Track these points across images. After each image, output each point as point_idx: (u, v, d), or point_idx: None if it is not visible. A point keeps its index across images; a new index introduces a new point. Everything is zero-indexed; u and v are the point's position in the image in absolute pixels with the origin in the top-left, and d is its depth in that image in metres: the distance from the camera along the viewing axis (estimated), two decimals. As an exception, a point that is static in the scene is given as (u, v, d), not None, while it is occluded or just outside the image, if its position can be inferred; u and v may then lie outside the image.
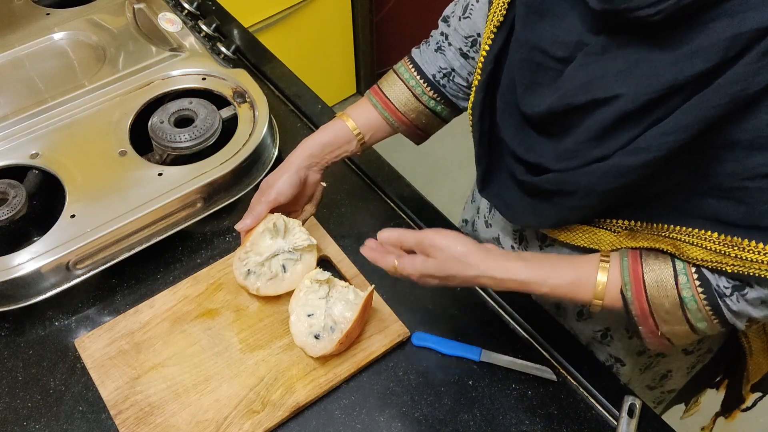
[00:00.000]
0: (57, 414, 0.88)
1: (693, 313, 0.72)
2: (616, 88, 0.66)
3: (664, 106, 0.65)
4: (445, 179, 2.49)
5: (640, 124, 0.66)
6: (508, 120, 0.80)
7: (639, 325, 0.75)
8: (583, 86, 0.69)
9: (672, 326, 0.74)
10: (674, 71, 0.63)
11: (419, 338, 0.93)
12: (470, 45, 0.91)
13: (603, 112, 0.68)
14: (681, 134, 0.63)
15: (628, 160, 0.67)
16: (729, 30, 0.59)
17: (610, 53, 0.68)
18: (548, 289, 0.78)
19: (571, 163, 0.72)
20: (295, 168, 0.92)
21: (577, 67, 0.71)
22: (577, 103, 0.70)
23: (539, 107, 0.74)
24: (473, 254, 0.79)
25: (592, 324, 0.96)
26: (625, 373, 0.99)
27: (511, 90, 0.78)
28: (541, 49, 0.74)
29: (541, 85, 0.75)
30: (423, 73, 0.95)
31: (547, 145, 0.76)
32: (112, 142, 1.06)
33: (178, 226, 1.02)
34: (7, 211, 0.97)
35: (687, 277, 0.71)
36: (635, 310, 0.74)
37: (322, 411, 0.88)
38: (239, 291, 0.96)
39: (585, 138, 0.71)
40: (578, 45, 0.71)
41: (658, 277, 0.73)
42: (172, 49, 1.20)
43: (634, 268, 0.74)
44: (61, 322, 0.97)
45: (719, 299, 0.70)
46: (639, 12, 0.62)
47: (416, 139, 1.02)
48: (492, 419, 0.87)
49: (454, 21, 0.92)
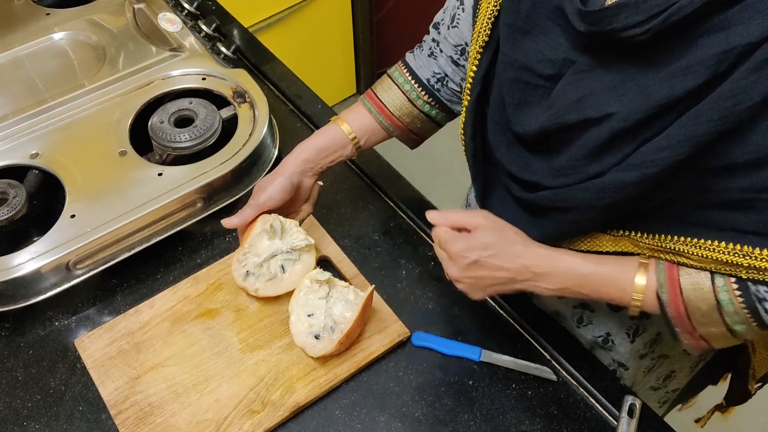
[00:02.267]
0: (57, 414, 0.88)
1: (730, 316, 0.70)
2: (607, 107, 0.66)
3: (658, 122, 0.64)
4: (445, 179, 2.49)
5: (634, 141, 0.66)
6: (499, 139, 0.80)
7: (676, 326, 0.74)
8: (574, 105, 0.69)
9: (708, 328, 0.72)
10: (666, 88, 0.62)
11: (419, 338, 0.93)
12: (460, 53, 0.91)
13: (596, 131, 0.68)
14: (675, 150, 0.63)
15: (623, 176, 0.67)
16: (719, 45, 0.59)
17: (599, 71, 0.68)
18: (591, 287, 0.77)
19: (567, 180, 0.72)
20: (288, 173, 0.92)
21: (566, 84, 0.70)
22: (570, 122, 0.69)
23: (530, 126, 0.74)
24: (519, 233, 0.79)
25: (592, 330, 0.95)
26: (629, 376, 0.99)
27: (501, 109, 0.78)
28: (527, 68, 0.74)
29: (530, 104, 0.75)
30: (418, 77, 0.95)
31: (541, 162, 0.76)
32: (112, 142, 1.06)
33: (178, 226, 1.02)
34: (7, 211, 0.97)
35: (724, 279, 0.69)
36: (671, 313, 0.73)
37: (322, 411, 0.88)
38: (239, 291, 0.96)
39: (579, 155, 0.70)
40: (565, 62, 0.71)
41: (695, 280, 0.71)
42: (172, 49, 1.20)
43: (669, 270, 0.73)
44: (61, 322, 0.97)
45: (758, 303, 0.69)
46: (626, 32, 0.62)
47: (411, 144, 1.02)
48: (492, 419, 0.87)
49: (443, 29, 0.92)
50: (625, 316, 0.91)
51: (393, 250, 1.04)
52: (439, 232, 0.81)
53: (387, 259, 1.03)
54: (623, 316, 0.91)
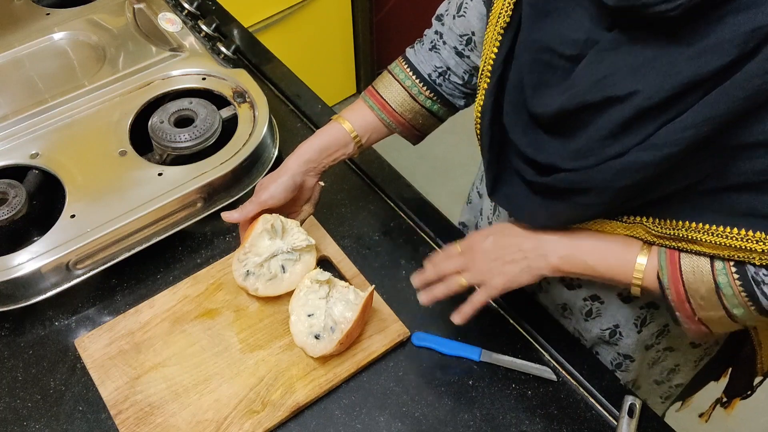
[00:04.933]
0: (57, 414, 0.88)
1: (729, 299, 0.71)
2: (632, 85, 0.66)
3: (682, 101, 0.64)
4: (445, 179, 2.49)
5: (656, 121, 0.66)
6: (515, 121, 0.79)
7: (676, 310, 0.75)
8: (597, 84, 0.68)
9: (708, 312, 0.73)
10: (693, 67, 0.62)
11: (419, 338, 0.93)
12: (465, 43, 0.90)
13: (619, 110, 0.67)
14: (699, 129, 0.63)
15: (644, 156, 0.66)
16: (747, 24, 0.59)
17: (624, 49, 0.67)
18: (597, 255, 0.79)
19: (585, 162, 0.72)
20: (291, 173, 0.92)
21: (588, 64, 0.70)
22: (591, 101, 0.69)
23: (549, 107, 0.73)
24: (526, 228, 0.83)
25: (599, 323, 0.95)
26: (634, 368, 0.99)
27: (519, 90, 0.78)
28: (548, 48, 0.73)
29: (550, 85, 0.74)
30: (419, 72, 0.95)
31: (557, 144, 0.75)
32: (112, 142, 1.06)
33: (178, 226, 1.02)
34: (7, 211, 0.97)
35: (723, 262, 0.70)
36: (671, 296, 0.74)
37: (322, 411, 0.88)
38: (239, 291, 0.96)
39: (599, 136, 0.70)
40: (587, 42, 0.70)
41: (695, 263, 0.72)
42: (172, 49, 1.20)
43: (670, 252, 0.74)
44: (61, 322, 0.97)
45: (755, 286, 0.69)
46: (656, 8, 0.61)
47: (413, 140, 1.02)
48: (492, 419, 0.87)
49: (448, 19, 0.92)
50: (635, 307, 0.91)
51: (393, 250, 1.04)
52: (432, 259, 0.88)
53: (387, 259, 1.03)
54: (633, 306, 0.91)
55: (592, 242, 0.79)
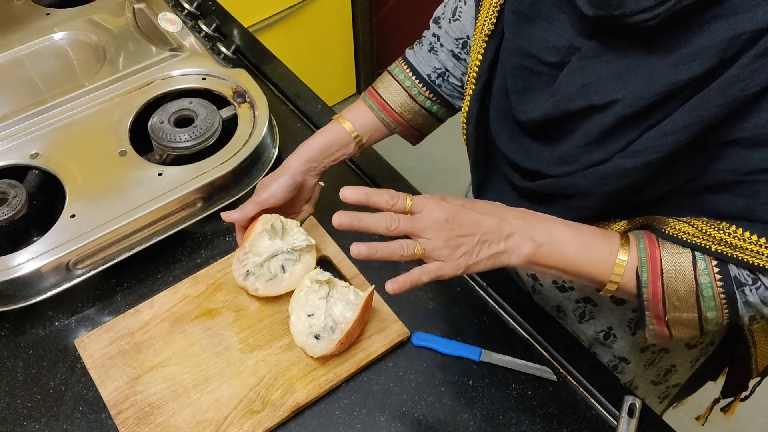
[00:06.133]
0: (57, 414, 0.88)
1: (707, 301, 0.70)
2: (613, 93, 0.66)
3: (663, 108, 0.65)
4: (445, 179, 2.49)
5: (638, 128, 0.66)
6: (501, 127, 0.80)
7: (646, 309, 0.73)
8: (579, 91, 0.69)
9: (680, 313, 0.72)
10: (672, 74, 0.63)
11: (419, 338, 0.93)
12: (461, 47, 0.91)
13: (601, 117, 0.68)
14: (679, 135, 0.63)
15: (627, 162, 0.67)
16: (726, 31, 0.59)
17: (605, 57, 0.68)
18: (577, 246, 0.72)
19: (570, 168, 0.72)
20: (291, 172, 0.92)
21: (571, 71, 0.70)
22: (574, 109, 0.70)
23: (534, 113, 0.74)
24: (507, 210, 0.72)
25: (593, 325, 0.96)
26: (630, 370, 0.99)
27: (504, 97, 0.78)
28: (531, 54, 0.74)
29: (534, 91, 0.75)
30: (418, 73, 0.95)
31: (543, 150, 0.76)
32: (112, 142, 1.06)
33: (178, 226, 1.02)
34: (7, 211, 0.97)
35: (705, 262, 0.69)
36: (647, 294, 0.72)
37: (322, 411, 0.88)
38: (239, 291, 0.96)
39: (583, 142, 0.70)
40: (570, 49, 0.71)
41: (677, 261, 0.70)
42: (172, 49, 1.20)
43: (651, 250, 0.72)
44: (61, 322, 0.97)
45: (736, 288, 0.69)
46: (635, 17, 0.62)
47: (412, 140, 1.02)
48: (492, 419, 0.87)
49: (444, 23, 0.92)
50: (627, 310, 0.91)
51: (393, 250, 1.04)
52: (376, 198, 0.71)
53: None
54: (626, 309, 0.91)
55: (571, 229, 0.74)
